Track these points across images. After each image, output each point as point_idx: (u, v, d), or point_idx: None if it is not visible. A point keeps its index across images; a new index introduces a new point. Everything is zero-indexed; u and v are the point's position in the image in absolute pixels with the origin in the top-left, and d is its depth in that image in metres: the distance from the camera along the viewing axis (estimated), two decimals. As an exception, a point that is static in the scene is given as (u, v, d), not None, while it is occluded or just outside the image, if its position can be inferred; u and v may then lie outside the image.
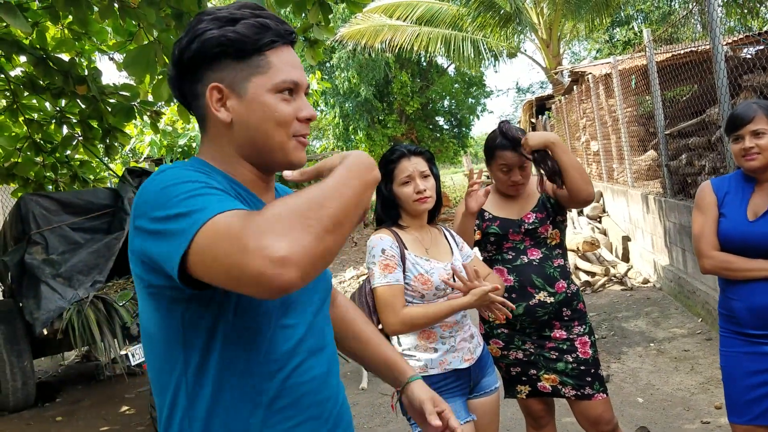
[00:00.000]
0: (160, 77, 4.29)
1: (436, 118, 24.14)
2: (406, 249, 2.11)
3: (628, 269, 7.26)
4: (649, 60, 5.89)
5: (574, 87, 11.15)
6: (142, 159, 10.63)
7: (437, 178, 2.21)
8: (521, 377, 2.52)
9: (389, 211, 2.20)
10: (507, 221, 2.50)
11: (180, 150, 10.39)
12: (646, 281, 6.84)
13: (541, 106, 17.74)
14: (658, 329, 5.25)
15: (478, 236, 2.54)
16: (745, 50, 4.49)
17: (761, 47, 4.01)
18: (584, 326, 2.49)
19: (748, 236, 2.14)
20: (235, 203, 0.96)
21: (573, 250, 7.52)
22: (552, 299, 2.43)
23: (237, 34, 1.09)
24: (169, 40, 3.95)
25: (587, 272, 7.27)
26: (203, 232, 0.91)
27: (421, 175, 2.14)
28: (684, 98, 5.89)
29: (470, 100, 24.96)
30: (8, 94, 5.41)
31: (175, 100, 5.26)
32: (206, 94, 1.12)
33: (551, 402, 2.63)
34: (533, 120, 19.47)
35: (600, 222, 9.03)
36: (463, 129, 24.56)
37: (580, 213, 9.43)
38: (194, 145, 10.35)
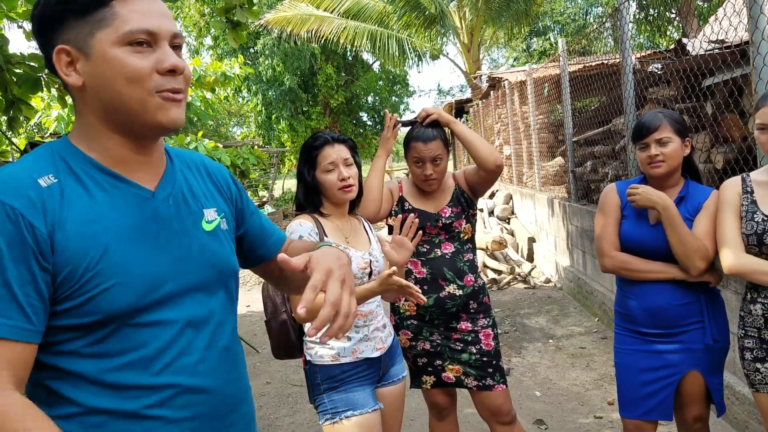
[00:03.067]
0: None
1: (360, 114, 24.26)
2: (326, 236, 2.13)
3: (532, 269, 7.59)
4: (562, 69, 6.17)
5: (491, 92, 11.50)
6: (48, 134, 10.01)
7: (359, 167, 2.24)
8: (427, 368, 2.59)
9: (311, 198, 2.19)
10: (425, 214, 2.55)
11: (89, 127, 9.86)
12: (548, 281, 7.18)
13: (460, 109, 18.15)
14: (557, 327, 5.53)
15: (395, 223, 2.58)
16: (652, 65, 4.79)
17: (666, 62, 4.29)
18: (488, 319, 2.59)
19: (648, 239, 2.25)
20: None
21: (482, 249, 7.79)
22: (461, 292, 2.51)
23: None
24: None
25: (494, 270, 7.54)
26: None
27: (344, 162, 2.15)
28: (592, 108, 6.22)
29: (393, 98, 25.24)
30: None
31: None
32: (53, 59, 1.01)
33: (454, 393, 2.72)
34: (452, 121, 19.92)
35: (509, 223, 9.39)
36: (386, 126, 24.80)
37: (491, 214, 9.77)
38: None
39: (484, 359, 2.53)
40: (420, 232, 2.14)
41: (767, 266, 2.00)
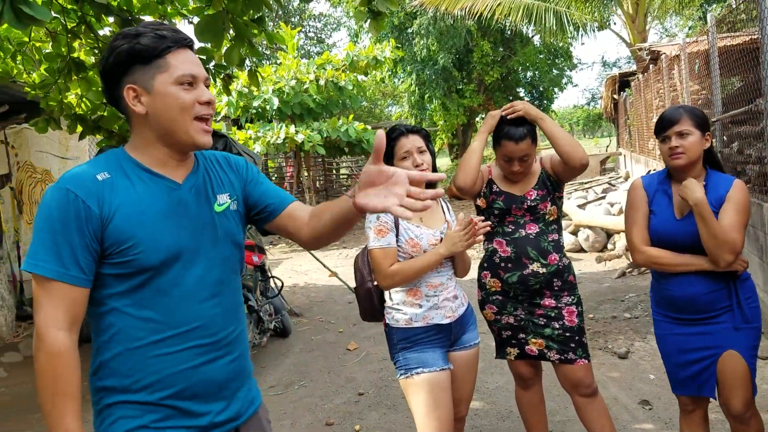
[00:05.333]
0: (232, 43, 4.67)
1: (517, 89, 23.69)
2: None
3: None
4: (711, 44, 5.78)
5: (651, 66, 10.85)
6: (219, 118, 11.27)
7: (433, 154, 2.48)
8: (511, 340, 2.77)
9: None
10: (511, 197, 2.71)
11: (255, 111, 10.97)
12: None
13: (624, 83, 17.18)
14: (692, 314, 5.30)
15: (482, 204, 2.78)
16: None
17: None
18: (573, 297, 2.71)
19: (675, 234, 2.32)
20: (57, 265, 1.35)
21: (625, 232, 7.53)
22: (544, 270, 2.65)
23: (141, 45, 1.41)
24: (237, 10, 4.31)
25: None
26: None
27: (418, 150, 2.40)
28: (738, 86, 5.77)
29: (554, 71, 24.30)
30: (96, 51, 5.97)
31: (245, 65, 5.69)
32: (123, 95, 1.43)
33: (539, 365, 2.88)
34: (615, 96, 18.90)
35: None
36: (545, 101, 23.88)
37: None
38: (267, 107, 10.89)
39: (567, 335, 2.66)
40: (488, 223, 2.46)
41: None
